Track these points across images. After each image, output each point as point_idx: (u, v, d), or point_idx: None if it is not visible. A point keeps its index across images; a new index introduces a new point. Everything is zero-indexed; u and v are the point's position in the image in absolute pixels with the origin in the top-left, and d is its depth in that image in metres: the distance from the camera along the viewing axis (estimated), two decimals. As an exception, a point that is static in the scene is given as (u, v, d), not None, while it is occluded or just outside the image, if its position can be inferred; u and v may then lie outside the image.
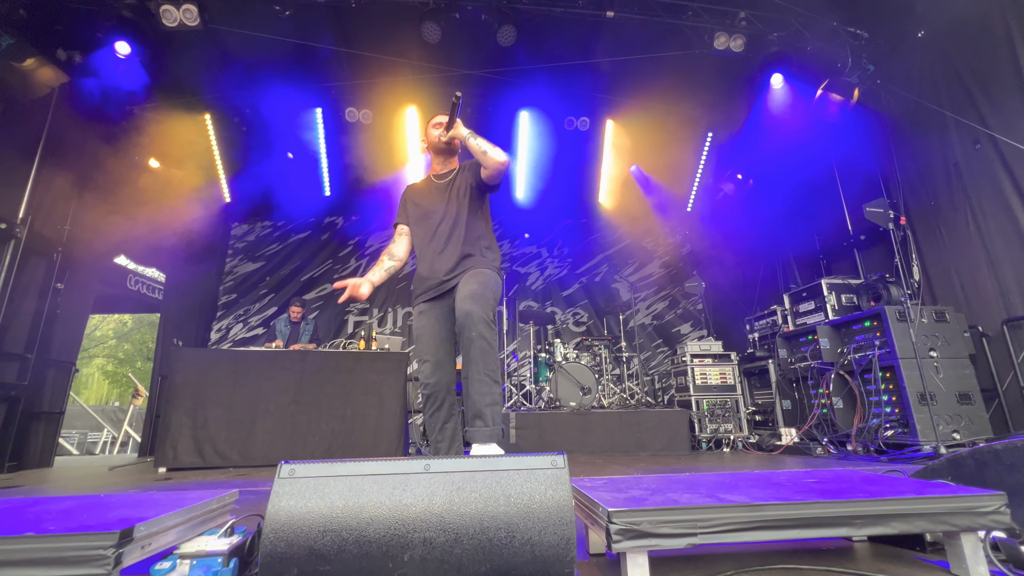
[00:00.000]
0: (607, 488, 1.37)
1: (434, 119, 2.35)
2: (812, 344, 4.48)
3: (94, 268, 5.29)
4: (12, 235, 4.20)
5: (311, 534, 0.99)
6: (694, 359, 5.43)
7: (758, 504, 1.11)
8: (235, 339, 7.13)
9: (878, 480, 1.42)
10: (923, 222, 4.41)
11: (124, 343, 19.33)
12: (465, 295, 1.97)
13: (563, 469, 1.11)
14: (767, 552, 1.38)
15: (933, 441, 3.32)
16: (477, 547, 1.00)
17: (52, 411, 4.76)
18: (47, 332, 4.58)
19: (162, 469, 3.88)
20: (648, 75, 5.44)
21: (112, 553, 0.94)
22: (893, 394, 3.80)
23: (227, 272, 7.44)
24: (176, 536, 1.20)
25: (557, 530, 1.03)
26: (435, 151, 2.36)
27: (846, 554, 1.36)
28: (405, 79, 5.45)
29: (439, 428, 2.02)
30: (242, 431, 4.09)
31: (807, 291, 4.92)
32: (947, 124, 4.19)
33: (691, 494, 1.25)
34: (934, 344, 3.75)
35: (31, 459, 4.48)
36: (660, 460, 4.12)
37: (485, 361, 1.89)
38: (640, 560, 1.06)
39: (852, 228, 5.15)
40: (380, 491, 1.05)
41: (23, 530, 0.98)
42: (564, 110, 6.06)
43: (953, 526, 1.13)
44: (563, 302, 7.94)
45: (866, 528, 1.13)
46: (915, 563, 1.27)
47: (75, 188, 4.85)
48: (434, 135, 2.30)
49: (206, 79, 5.37)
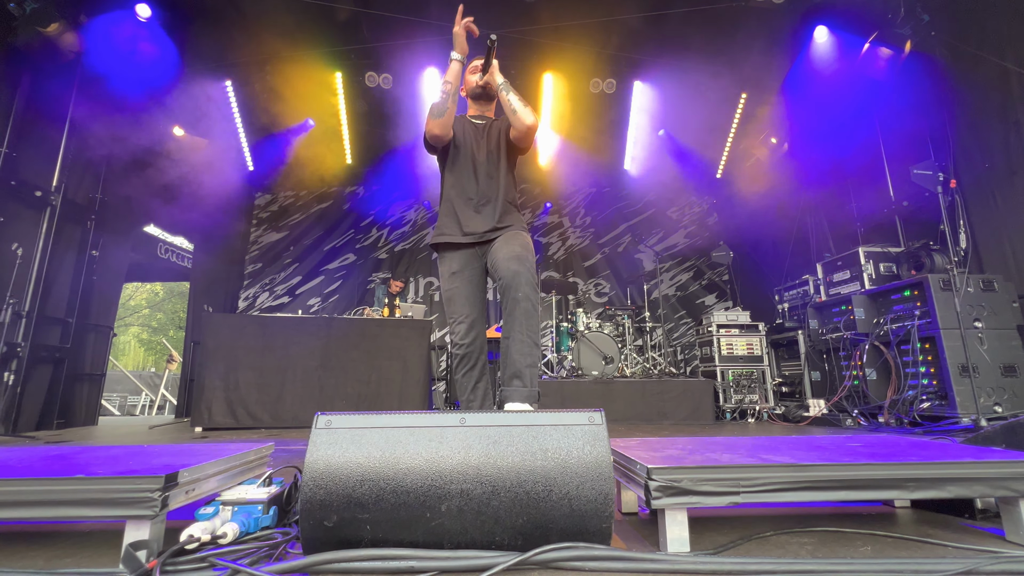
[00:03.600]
0: (642, 447, 1.34)
1: (471, 64, 2.24)
2: (846, 315, 4.33)
3: (126, 236, 5.41)
4: (48, 203, 4.31)
5: (349, 483, 0.99)
6: (720, 329, 5.33)
7: (804, 464, 1.07)
8: (262, 307, 7.31)
9: (928, 445, 1.36)
10: (975, 186, 4.14)
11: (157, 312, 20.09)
12: (510, 255, 1.92)
13: (601, 425, 1.09)
14: (806, 515, 1.35)
15: (973, 413, 3.21)
16: (514, 500, 1.00)
17: (94, 373, 4.98)
18: (85, 298, 4.74)
19: (198, 429, 4.05)
20: (678, 32, 5.16)
21: (159, 496, 0.96)
22: (932, 366, 3.66)
23: (252, 242, 7.56)
24: (217, 484, 1.23)
25: (595, 485, 1.01)
26: (473, 97, 2.27)
27: (889, 519, 1.32)
28: (424, 40, 5.28)
29: (471, 388, 2.02)
30: (272, 394, 4.21)
31: (842, 260, 4.73)
32: (1009, 79, 3.87)
33: (731, 454, 1.21)
34: (979, 314, 3.57)
35: (77, 417, 4.72)
36: (683, 429, 4.10)
37: (528, 323, 1.86)
38: (680, 517, 1.04)
39: (894, 193, 4.88)
40: (416, 443, 1.04)
41: (74, 473, 1.01)
42: (590, 71, 5.82)
43: (1013, 491, 1.07)
44: (585, 272, 7.85)
45: (919, 492, 1.08)
46: (965, 530, 1.22)
47: (103, 157, 4.92)
48: (472, 80, 2.21)
49: (226, 44, 5.32)
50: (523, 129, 2.02)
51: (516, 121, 2.02)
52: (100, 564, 1.01)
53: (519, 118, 2.01)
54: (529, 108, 2.03)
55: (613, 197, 8.06)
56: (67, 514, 0.97)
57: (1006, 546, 1.08)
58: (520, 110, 2.01)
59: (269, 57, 5.51)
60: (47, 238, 4.28)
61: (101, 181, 4.93)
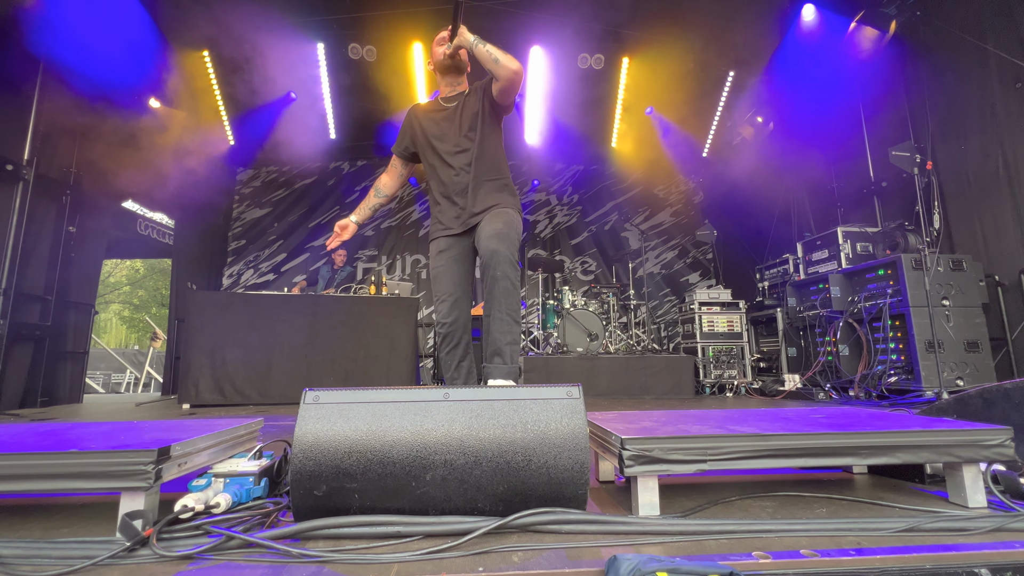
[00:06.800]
0: (618, 420, 1.41)
1: (438, 35, 2.14)
2: (823, 292, 4.46)
3: (104, 212, 5.29)
4: (20, 176, 4.18)
5: (337, 454, 1.04)
6: (702, 307, 5.45)
7: (767, 434, 1.15)
8: (246, 284, 7.24)
9: (884, 416, 1.45)
10: (950, 168, 4.24)
11: (138, 290, 19.72)
12: (491, 234, 1.92)
13: (578, 399, 1.15)
14: (770, 481, 1.44)
15: (936, 387, 3.37)
16: (495, 469, 1.05)
17: (77, 351, 4.93)
18: (64, 275, 4.65)
19: (186, 406, 4.06)
20: (668, 8, 5.09)
21: (152, 469, 1.00)
22: (900, 342, 3.81)
23: (235, 218, 7.43)
24: (208, 458, 1.27)
25: (572, 455, 1.07)
26: (442, 71, 2.17)
27: (847, 484, 1.42)
28: (409, 12, 5.14)
29: (455, 366, 2.07)
30: (259, 371, 4.23)
31: (821, 239, 4.83)
32: (988, 62, 3.92)
33: (701, 425, 1.28)
34: (947, 293, 3.72)
35: (62, 396, 4.69)
36: (664, 403, 4.24)
37: (508, 300, 1.89)
38: (651, 484, 1.11)
39: (874, 174, 4.98)
40: (402, 417, 1.09)
41: (68, 447, 1.04)
42: (578, 46, 5.73)
43: (956, 457, 1.16)
44: (572, 250, 7.90)
45: (872, 458, 1.17)
46: (914, 493, 1.32)
47: (77, 130, 4.75)
48: (439, 51, 2.11)
49: (203, 12, 5.10)
50: (508, 75, 1.92)
51: (500, 70, 1.92)
52: (97, 533, 1.05)
53: (502, 66, 1.90)
54: (509, 56, 1.92)
55: (600, 175, 8.06)
56: (63, 487, 1.00)
57: (948, 507, 1.17)
58: (501, 57, 1.90)
59: (248, 26, 5.31)
60: (20, 213, 4.16)
61: (75, 155, 4.78)
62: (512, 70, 1.92)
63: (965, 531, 0.99)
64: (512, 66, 1.91)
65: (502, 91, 2.00)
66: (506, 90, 1.99)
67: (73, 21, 4.29)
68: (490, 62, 1.93)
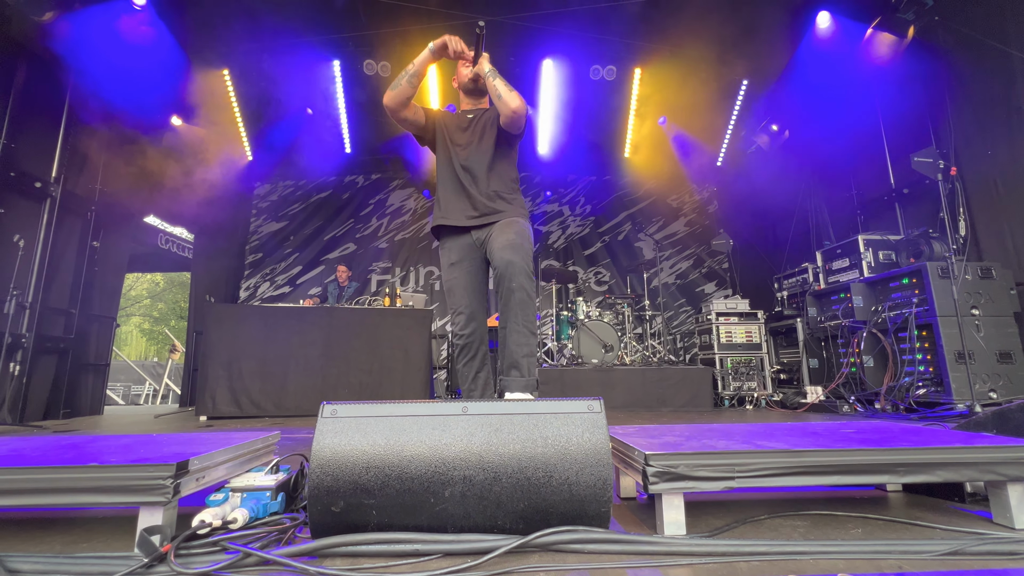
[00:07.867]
0: (640, 434, 1.37)
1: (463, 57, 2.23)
2: (844, 302, 4.35)
3: (126, 227, 5.42)
4: (48, 194, 4.31)
5: (355, 470, 1.02)
6: (720, 317, 5.36)
7: (798, 450, 1.10)
8: (263, 297, 7.33)
9: (920, 431, 1.39)
10: (976, 173, 4.13)
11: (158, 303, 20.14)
12: (505, 244, 1.93)
13: (599, 413, 1.12)
14: (799, 499, 1.38)
15: (968, 399, 3.25)
16: (515, 485, 1.03)
17: (99, 363, 5.03)
18: (88, 289, 4.77)
19: (203, 418, 4.10)
20: (681, 17, 5.09)
21: (171, 483, 0.99)
22: (928, 353, 3.69)
23: (252, 232, 7.56)
24: (226, 472, 1.26)
25: (594, 471, 1.04)
26: (465, 92, 2.28)
27: (881, 503, 1.36)
28: (423, 27, 5.22)
29: (472, 377, 2.05)
30: (275, 383, 4.26)
31: (842, 248, 4.73)
32: (1013, 65, 3.84)
33: (727, 440, 1.24)
34: (977, 302, 3.59)
35: (83, 407, 4.78)
36: (683, 416, 4.15)
37: (524, 312, 1.88)
38: (676, 501, 1.07)
39: (894, 180, 4.88)
40: (420, 431, 1.07)
41: (88, 461, 1.04)
42: (590, 58, 5.76)
43: (1001, 475, 1.10)
44: (585, 261, 7.86)
45: (909, 476, 1.11)
46: (954, 513, 1.25)
47: (102, 148, 4.90)
48: (464, 73, 2.22)
49: (223, 32, 5.26)
50: (508, 113, 2.03)
51: (502, 106, 2.04)
52: (115, 548, 1.04)
53: (504, 103, 2.01)
54: (515, 93, 2.03)
55: (613, 185, 8.04)
56: (83, 501, 1.00)
57: (993, 528, 1.11)
58: (505, 95, 2.01)
59: (267, 45, 5.46)
60: (48, 229, 4.29)
61: (100, 172, 4.92)
62: (512, 108, 2.01)
63: (1015, 555, 0.93)
64: (512, 104, 2.00)
65: (506, 124, 2.09)
66: (509, 124, 2.09)
67: (100, 42, 4.45)
68: (495, 96, 2.06)
